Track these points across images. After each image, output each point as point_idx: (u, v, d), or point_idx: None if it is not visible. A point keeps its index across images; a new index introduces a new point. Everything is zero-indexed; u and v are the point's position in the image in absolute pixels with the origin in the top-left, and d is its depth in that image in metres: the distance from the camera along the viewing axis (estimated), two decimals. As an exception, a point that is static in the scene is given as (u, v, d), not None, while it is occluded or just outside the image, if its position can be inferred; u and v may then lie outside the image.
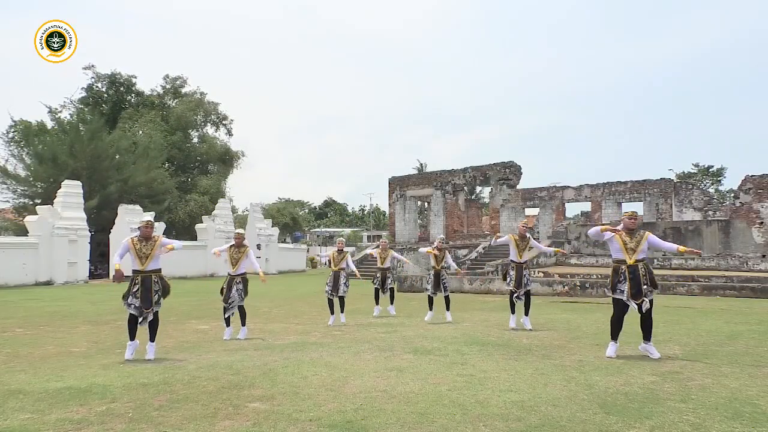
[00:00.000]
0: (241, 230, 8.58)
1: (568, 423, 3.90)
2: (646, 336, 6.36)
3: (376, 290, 11.35)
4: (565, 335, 8.07)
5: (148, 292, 6.47)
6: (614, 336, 6.45)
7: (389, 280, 11.35)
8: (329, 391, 4.80)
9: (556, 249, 11.15)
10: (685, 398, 4.52)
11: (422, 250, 11.01)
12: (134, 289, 6.46)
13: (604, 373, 5.46)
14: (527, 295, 8.89)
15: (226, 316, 8.17)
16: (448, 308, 10.05)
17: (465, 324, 9.59)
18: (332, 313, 9.89)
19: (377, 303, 11.32)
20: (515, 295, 8.81)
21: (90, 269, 24.94)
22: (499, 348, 7.03)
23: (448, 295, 10.16)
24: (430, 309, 10.14)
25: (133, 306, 6.43)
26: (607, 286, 6.61)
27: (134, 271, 6.58)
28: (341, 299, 9.93)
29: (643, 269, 6.27)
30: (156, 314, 6.64)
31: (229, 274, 8.22)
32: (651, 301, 6.25)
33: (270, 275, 32.28)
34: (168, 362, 6.30)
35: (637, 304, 6.20)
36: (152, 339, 6.59)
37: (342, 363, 6.09)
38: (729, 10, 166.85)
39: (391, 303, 11.47)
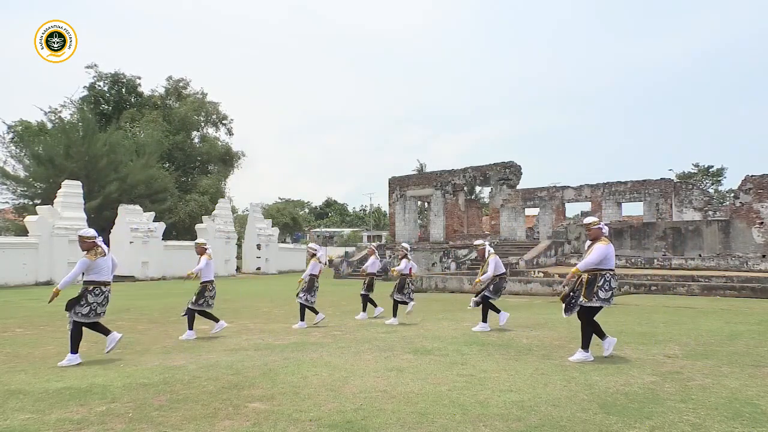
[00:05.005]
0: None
1: (568, 423, 3.90)
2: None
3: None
4: (565, 335, 8.07)
5: None
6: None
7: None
8: (329, 391, 4.80)
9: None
10: (685, 398, 4.52)
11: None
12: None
13: (604, 373, 5.46)
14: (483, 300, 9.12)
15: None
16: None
17: (465, 324, 9.59)
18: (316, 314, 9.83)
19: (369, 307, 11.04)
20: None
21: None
22: (499, 348, 7.03)
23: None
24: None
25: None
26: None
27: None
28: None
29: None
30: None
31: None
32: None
33: (270, 275, 32.31)
34: (168, 362, 6.30)
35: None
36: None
37: (342, 363, 6.10)
38: (729, 10, 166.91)
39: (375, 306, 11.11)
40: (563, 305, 6.53)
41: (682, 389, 4.82)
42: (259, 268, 33.94)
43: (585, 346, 6.25)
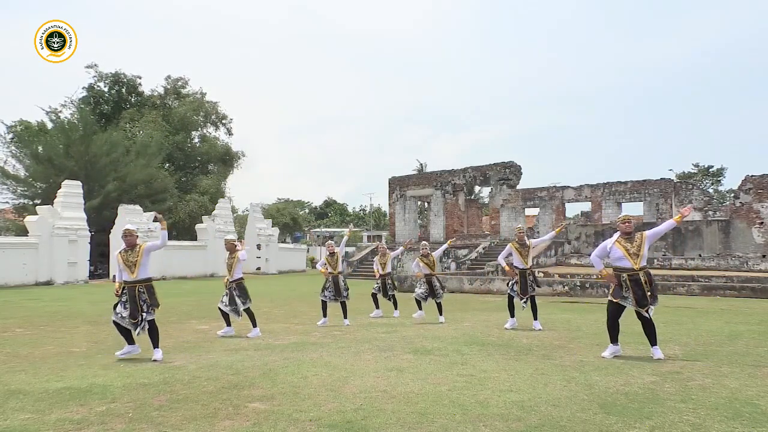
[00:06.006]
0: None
1: (568, 423, 3.90)
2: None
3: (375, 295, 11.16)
4: (565, 335, 8.07)
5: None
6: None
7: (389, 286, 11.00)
8: (329, 391, 4.80)
9: (556, 230, 10.21)
10: (685, 398, 4.52)
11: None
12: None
13: (604, 373, 5.46)
14: (532, 299, 8.85)
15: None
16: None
17: (465, 324, 9.59)
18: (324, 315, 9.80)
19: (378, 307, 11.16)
20: (522, 300, 8.79)
21: (90, 269, 24.95)
22: (499, 348, 7.03)
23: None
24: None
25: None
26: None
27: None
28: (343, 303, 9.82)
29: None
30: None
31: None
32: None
33: (270, 275, 32.30)
34: (168, 362, 6.30)
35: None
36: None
37: (342, 363, 6.10)
38: (729, 10, 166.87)
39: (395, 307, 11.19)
40: (643, 307, 6.12)
41: (682, 389, 4.82)
42: (259, 268, 33.95)
43: (653, 342, 6.23)
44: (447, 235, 33.26)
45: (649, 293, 6.11)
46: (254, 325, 8.37)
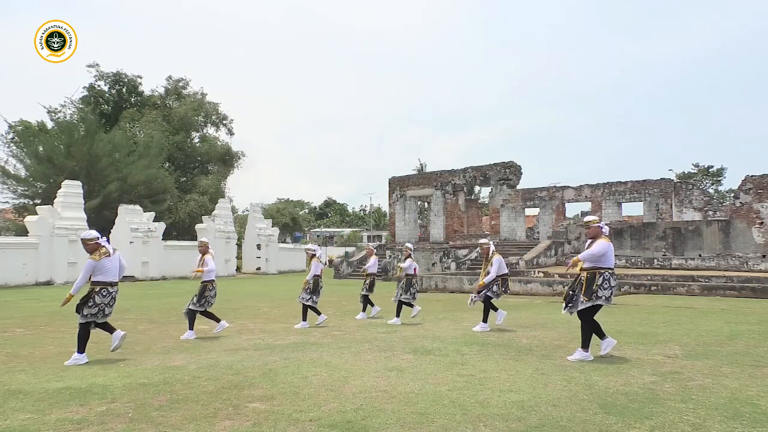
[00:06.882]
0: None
1: (568, 423, 3.90)
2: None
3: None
4: (565, 335, 8.07)
5: None
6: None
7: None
8: (329, 391, 4.80)
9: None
10: (685, 398, 4.52)
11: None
12: None
13: (604, 373, 5.46)
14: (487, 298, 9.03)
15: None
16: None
17: (465, 324, 9.59)
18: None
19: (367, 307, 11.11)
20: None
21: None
22: (499, 348, 7.03)
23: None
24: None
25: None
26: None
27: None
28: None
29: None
30: None
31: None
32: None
33: (270, 275, 32.32)
34: (168, 362, 6.30)
35: None
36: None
37: (342, 363, 6.09)
38: (729, 10, 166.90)
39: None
40: (564, 302, 6.54)
41: (682, 389, 4.82)
42: (259, 268, 33.95)
43: (585, 345, 6.26)
44: (447, 235, 33.25)
45: (575, 291, 6.37)
46: (190, 328, 8.27)
